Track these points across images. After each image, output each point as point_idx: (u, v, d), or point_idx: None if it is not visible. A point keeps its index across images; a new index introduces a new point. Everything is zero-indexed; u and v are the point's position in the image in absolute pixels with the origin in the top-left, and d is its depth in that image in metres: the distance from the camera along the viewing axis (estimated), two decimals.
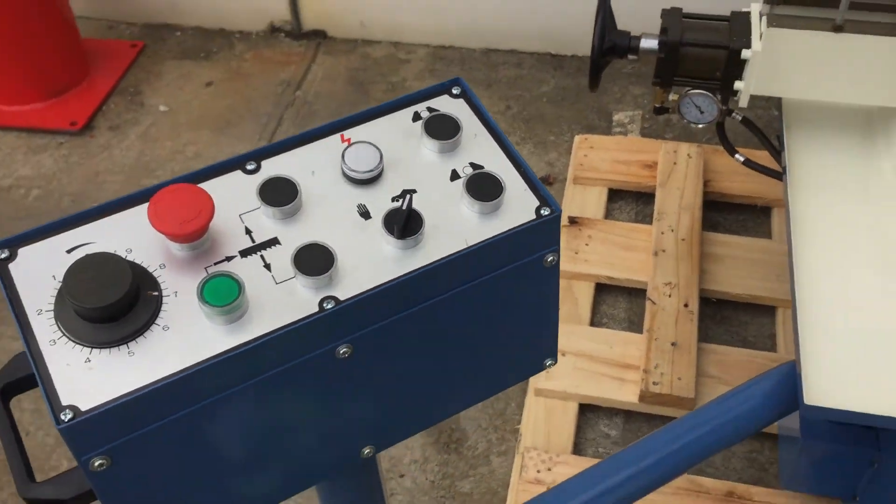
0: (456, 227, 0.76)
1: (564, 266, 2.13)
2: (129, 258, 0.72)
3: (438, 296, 0.76)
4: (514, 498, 1.74)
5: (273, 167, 0.79)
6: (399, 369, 0.79)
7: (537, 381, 1.91)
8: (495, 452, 1.89)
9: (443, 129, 0.80)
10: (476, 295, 0.78)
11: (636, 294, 2.13)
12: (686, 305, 1.99)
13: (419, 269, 0.73)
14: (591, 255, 2.16)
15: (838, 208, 1.54)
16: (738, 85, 1.63)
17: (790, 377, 1.37)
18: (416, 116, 0.82)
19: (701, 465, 1.81)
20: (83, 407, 0.66)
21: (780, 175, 1.70)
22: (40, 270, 0.72)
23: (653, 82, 1.71)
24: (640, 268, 2.12)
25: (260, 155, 0.79)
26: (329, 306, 0.71)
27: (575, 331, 2.01)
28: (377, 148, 0.78)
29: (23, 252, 0.73)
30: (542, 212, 0.77)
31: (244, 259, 0.74)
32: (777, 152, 1.73)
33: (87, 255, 0.70)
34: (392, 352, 0.77)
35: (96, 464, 0.68)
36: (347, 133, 0.81)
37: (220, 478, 0.77)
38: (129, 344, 0.68)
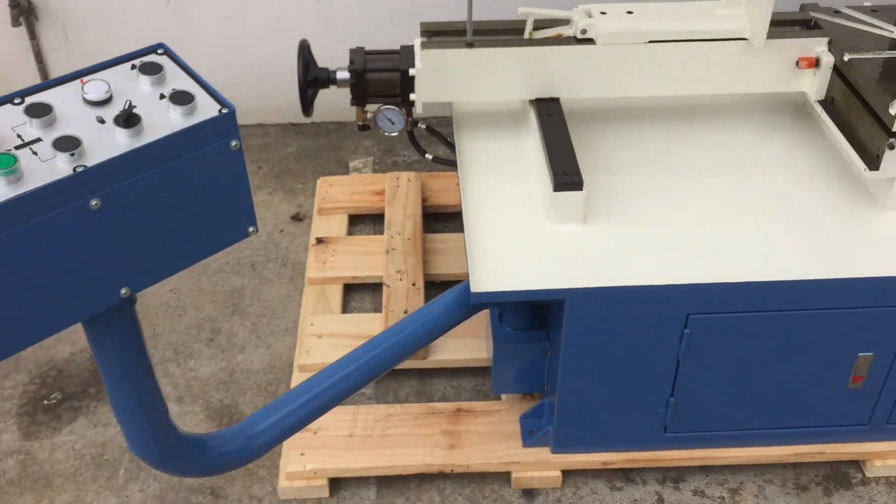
0: (166, 124, 1.17)
1: (315, 273, 2.57)
2: None
3: (157, 167, 1.16)
4: (287, 451, 2.09)
5: (33, 100, 1.17)
6: (137, 224, 1.17)
7: (300, 359, 2.29)
8: None
9: (152, 68, 1.22)
10: (185, 168, 1.18)
11: (377, 287, 2.58)
12: (414, 285, 2.46)
13: (141, 146, 1.14)
14: (337, 263, 2.60)
15: (496, 176, 2.07)
16: (412, 97, 2.15)
17: (465, 287, 1.84)
18: (133, 67, 1.24)
19: (435, 396, 2.26)
20: None
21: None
22: None
23: (351, 103, 2.20)
24: (378, 266, 2.58)
25: (24, 94, 1.17)
26: (80, 170, 1.09)
27: (328, 319, 2.42)
28: (106, 82, 1.19)
29: None
30: (221, 111, 1.20)
31: (19, 150, 1.11)
32: (454, 149, 2.26)
33: None
34: (129, 208, 1.15)
35: None
36: (86, 79, 1.21)
37: None
38: None
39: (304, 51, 2.15)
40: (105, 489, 2.09)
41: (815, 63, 2.10)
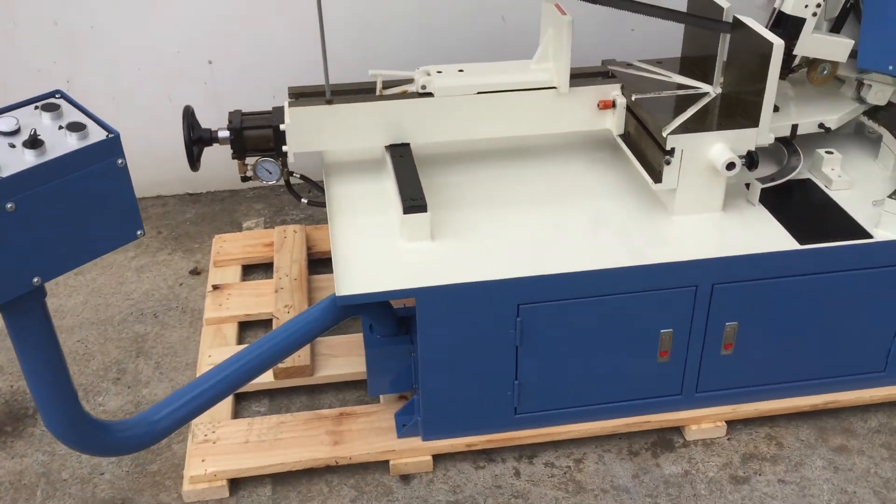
0: (64, 146, 1.52)
1: (212, 314, 2.88)
2: None
3: (59, 178, 1.50)
4: (189, 460, 2.36)
5: None
6: (43, 224, 1.50)
7: None
8: (175, 441, 2.50)
9: (52, 107, 1.57)
10: (82, 180, 1.53)
11: (269, 324, 2.90)
12: None
13: (44, 162, 1.48)
14: (231, 305, 2.92)
15: (360, 210, 2.45)
16: (285, 148, 2.54)
17: (334, 297, 2.19)
18: (36, 107, 1.59)
19: (322, 407, 2.57)
20: None
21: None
22: None
23: (232, 157, 2.57)
24: (269, 305, 2.91)
25: None
26: None
27: (225, 351, 2.72)
28: (15, 118, 1.54)
29: None
30: (108, 136, 1.56)
31: None
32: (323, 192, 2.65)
33: None
34: (37, 211, 1.48)
35: None
36: None
37: None
38: None
39: (189, 115, 2.52)
40: None
41: (612, 104, 2.58)
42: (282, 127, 2.49)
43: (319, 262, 3.18)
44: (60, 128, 1.56)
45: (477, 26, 3.44)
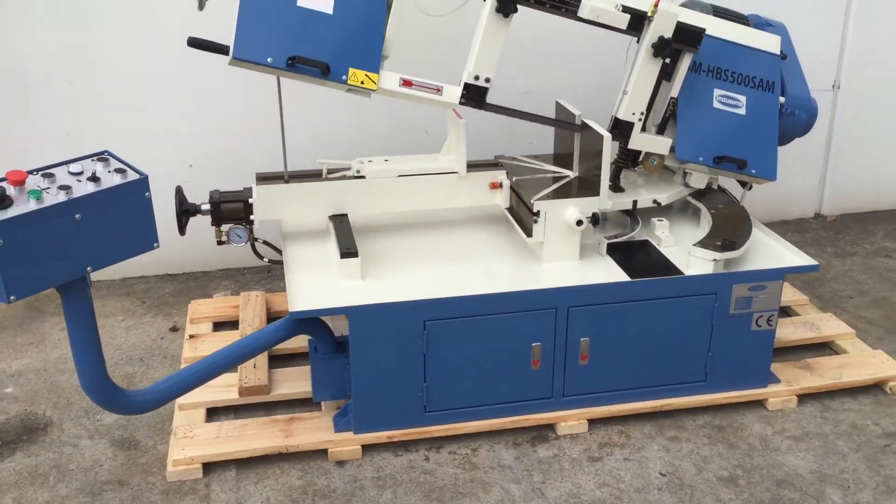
0: (111, 182, 2.33)
1: (189, 354, 3.60)
2: None
3: (109, 201, 2.30)
4: (171, 450, 3.05)
5: (45, 171, 2.31)
6: (97, 231, 2.28)
7: (181, 399, 3.28)
8: (160, 442, 3.18)
9: (103, 160, 2.39)
10: (121, 204, 2.32)
11: None
12: None
13: (100, 190, 2.28)
14: (205, 348, 3.64)
15: (309, 263, 3.25)
16: (252, 218, 3.35)
17: (288, 317, 2.96)
18: (93, 160, 2.41)
19: (275, 414, 3.27)
20: None
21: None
22: None
23: (211, 224, 3.37)
24: None
25: (40, 170, 2.31)
26: (71, 197, 2.22)
27: None
28: (81, 165, 2.35)
29: None
30: (140, 177, 2.37)
31: (43, 189, 2.24)
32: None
33: None
34: (94, 223, 2.27)
35: None
36: (71, 166, 2.37)
37: None
38: None
39: (179, 192, 3.34)
40: (40, 489, 2.97)
41: (500, 185, 3.48)
42: (250, 200, 3.32)
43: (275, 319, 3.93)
44: (109, 171, 2.37)
45: (407, 135, 4.37)
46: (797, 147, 4.72)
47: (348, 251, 3.11)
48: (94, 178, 2.31)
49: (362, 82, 2.98)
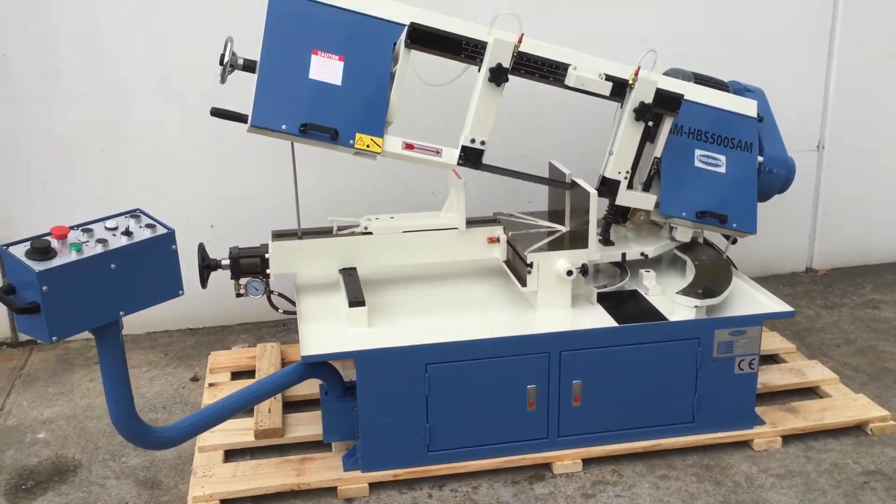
0: (142, 236, 2.61)
1: (209, 400, 3.84)
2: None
3: (141, 253, 2.57)
4: (192, 488, 3.27)
5: (85, 227, 2.60)
6: (129, 279, 2.55)
7: (201, 441, 3.51)
8: (181, 482, 3.40)
9: (135, 217, 2.68)
10: (151, 255, 2.60)
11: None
12: (276, 399, 3.77)
13: (132, 243, 2.56)
14: (222, 394, 3.88)
15: (321, 312, 3.50)
16: (269, 271, 3.63)
17: (301, 362, 3.21)
18: (126, 217, 2.69)
19: (288, 455, 3.50)
20: None
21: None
22: None
23: (230, 278, 3.65)
24: None
25: (79, 226, 2.60)
26: (107, 249, 2.50)
27: (224, 426, 3.67)
28: (116, 221, 2.64)
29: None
30: (168, 231, 2.65)
31: (83, 242, 2.52)
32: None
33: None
34: (127, 271, 2.54)
35: None
36: (108, 223, 2.65)
37: None
38: None
39: (201, 249, 3.63)
40: None
41: (497, 240, 3.74)
42: (266, 256, 3.60)
43: None
44: (140, 226, 2.66)
45: (415, 196, 4.66)
46: (787, 205, 5.01)
47: (356, 300, 3.36)
48: (127, 233, 2.59)
49: (368, 146, 3.27)
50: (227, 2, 4.27)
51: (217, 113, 3.26)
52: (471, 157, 3.40)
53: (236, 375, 4.18)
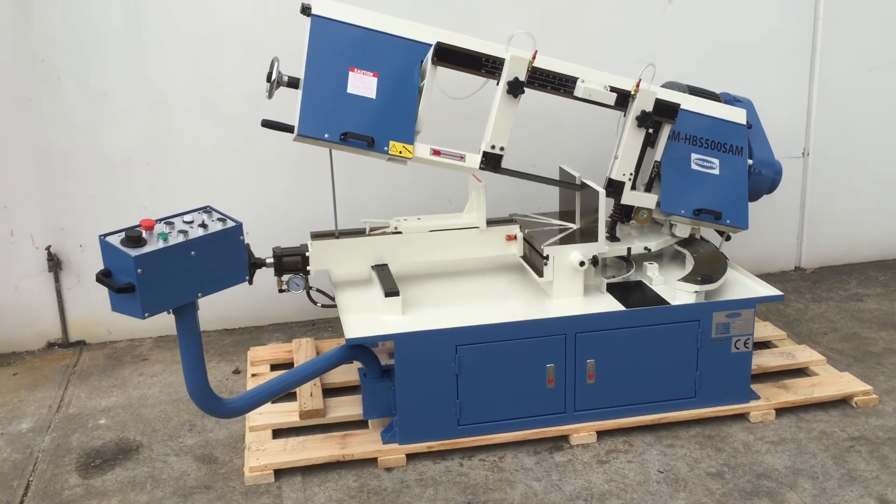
0: (216, 228, 3.00)
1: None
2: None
3: (215, 241, 2.96)
4: (247, 460, 3.63)
5: (167, 220, 2.99)
6: (207, 265, 2.94)
7: (251, 422, 3.88)
8: (236, 457, 3.77)
9: (208, 212, 3.07)
10: (224, 244, 2.98)
11: (294, 394, 4.23)
12: (315, 384, 4.15)
13: (209, 233, 2.96)
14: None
15: (358, 304, 3.89)
16: (308, 269, 4.02)
17: (344, 345, 3.59)
18: (200, 212, 3.09)
19: (331, 433, 3.87)
20: None
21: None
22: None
23: (274, 275, 4.03)
24: None
25: (163, 219, 2.99)
26: (188, 238, 2.89)
27: (264, 407, 4.04)
28: (192, 215, 3.03)
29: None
30: (236, 224, 3.04)
31: (168, 232, 2.91)
32: (333, 299, 4.09)
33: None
34: (205, 258, 2.93)
35: None
36: (186, 216, 3.05)
37: None
38: None
39: (248, 248, 4.01)
40: (140, 493, 3.55)
41: (515, 237, 4.15)
42: (307, 254, 3.99)
43: None
44: (213, 220, 3.05)
45: (433, 203, 5.06)
46: (776, 208, 5.44)
47: (391, 291, 3.76)
48: (203, 225, 2.98)
49: (400, 152, 3.68)
50: (260, 27, 4.69)
51: (267, 124, 3.66)
52: (491, 161, 3.80)
53: (275, 367, 4.55)
